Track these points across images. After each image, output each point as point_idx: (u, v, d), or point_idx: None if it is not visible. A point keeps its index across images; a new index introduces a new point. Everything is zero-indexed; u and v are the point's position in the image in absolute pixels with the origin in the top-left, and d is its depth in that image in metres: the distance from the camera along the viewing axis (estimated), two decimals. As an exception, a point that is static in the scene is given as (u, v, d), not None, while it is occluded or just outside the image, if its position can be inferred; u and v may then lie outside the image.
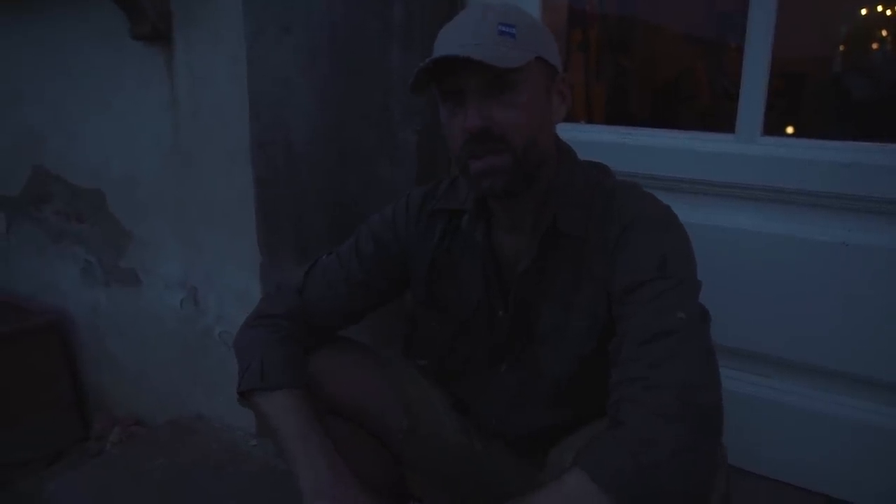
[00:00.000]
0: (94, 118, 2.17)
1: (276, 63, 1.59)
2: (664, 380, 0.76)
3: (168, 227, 2.06)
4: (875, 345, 1.25)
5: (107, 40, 2.01)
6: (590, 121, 3.01)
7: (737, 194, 1.34)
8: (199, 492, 1.71)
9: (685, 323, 0.81)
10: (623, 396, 0.77)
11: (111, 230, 2.24)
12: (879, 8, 3.31)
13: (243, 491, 1.70)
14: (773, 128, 1.31)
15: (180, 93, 1.89)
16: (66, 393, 2.47)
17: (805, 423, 1.34)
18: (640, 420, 0.74)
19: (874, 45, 3.31)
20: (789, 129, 2.21)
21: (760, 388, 1.39)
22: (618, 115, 3.42)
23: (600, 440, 0.75)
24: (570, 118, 1.02)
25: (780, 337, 1.34)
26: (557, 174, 0.98)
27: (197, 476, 1.77)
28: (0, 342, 2.31)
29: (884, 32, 3.34)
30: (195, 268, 2.02)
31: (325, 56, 1.52)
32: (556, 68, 0.94)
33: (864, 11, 3.35)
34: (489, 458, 1.15)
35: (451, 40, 0.88)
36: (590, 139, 1.45)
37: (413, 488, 1.23)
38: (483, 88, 0.87)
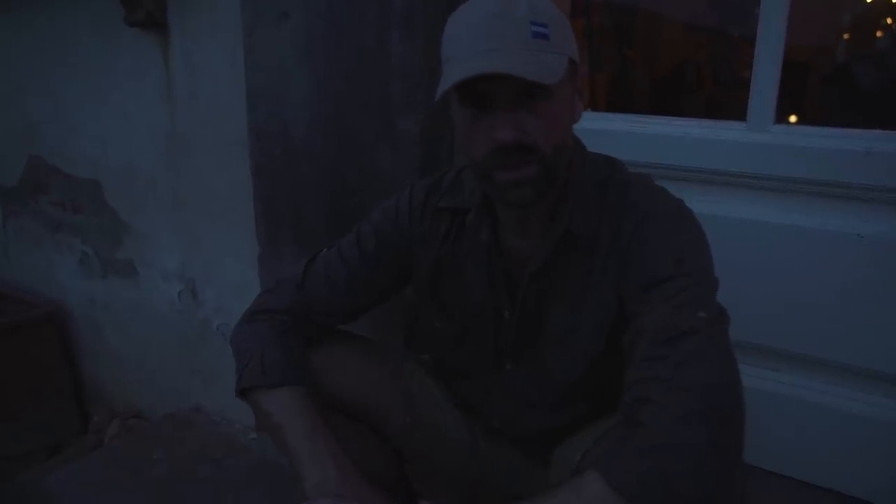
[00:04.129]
0: (90, 108, 2.14)
1: (273, 50, 1.55)
2: (688, 381, 0.73)
3: (165, 217, 2.04)
4: (890, 339, 1.22)
5: (103, 29, 1.98)
6: (594, 110, 2.98)
7: (748, 184, 1.30)
8: (197, 485, 1.70)
9: (707, 322, 0.78)
10: (643, 396, 0.74)
11: (108, 221, 2.22)
12: (886, -6, 3.27)
13: (242, 484, 1.69)
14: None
15: (177, 81, 1.86)
16: (64, 385, 2.46)
17: (818, 419, 1.31)
18: (663, 424, 0.71)
19: (879, 33, 3.27)
20: (792, 119, 2.18)
21: (772, 383, 1.36)
22: (621, 105, 3.39)
23: (619, 442, 0.73)
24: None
25: (792, 330, 1.32)
26: (569, 172, 0.94)
27: (195, 469, 1.76)
28: (-3, 334, 2.29)
29: (888, 20, 3.31)
30: (193, 259, 2.00)
31: (323, 43, 1.49)
32: (577, 64, 0.88)
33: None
34: (493, 456, 1.13)
35: (479, 41, 0.79)
36: (600, 128, 1.42)
37: (415, 483, 1.21)
38: (514, 97, 0.80)
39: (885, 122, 1.21)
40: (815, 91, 2.93)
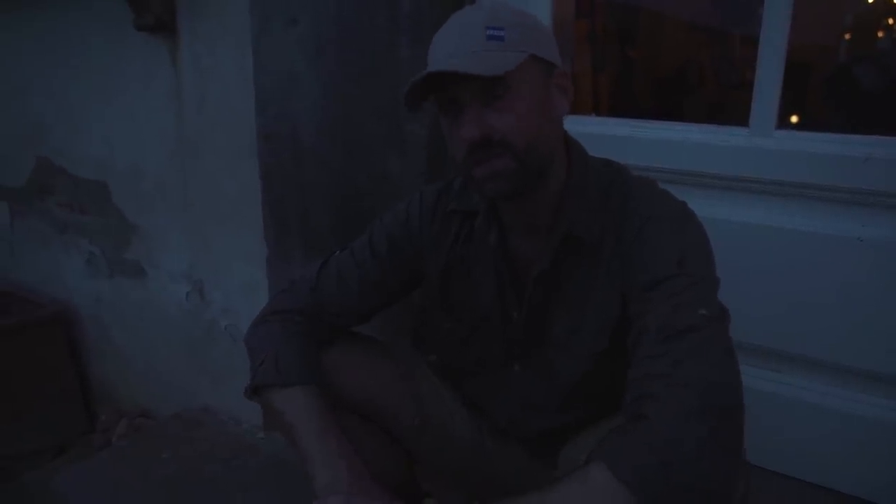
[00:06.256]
0: (98, 110, 2.16)
1: (282, 55, 1.57)
2: (687, 378, 0.75)
3: (173, 219, 2.05)
4: (890, 341, 1.24)
5: (111, 31, 1.99)
6: (596, 112, 2.99)
7: (750, 188, 1.32)
8: (206, 485, 1.70)
9: (707, 320, 0.79)
10: (645, 393, 0.76)
11: (115, 222, 2.23)
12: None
13: (250, 484, 1.69)
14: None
15: (185, 84, 1.87)
16: (71, 385, 2.47)
17: (819, 420, 1.33)
18: (664, 417, 0.72)
19: (880, 34, 3.28)
20: (793, 118, 2.19)
21: (773, 384, 1.38)
22: (623, 107, 3.40)
23: (623, 434, 0.74)
24: (578, 111, 1.01)
25: (793, 332, 1.33)
26: (569, 174, 0.96)
27: (204, 469, 1.77)
28: (5, 334, 2.31)
29: (889, 21, 3.31)
30: (200, 261, 2.01)
31: (332, 48, 1.51)
32: (554, 63, 0.91)
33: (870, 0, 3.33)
34: (501, 456, 1.14)
35: (442, 50, 0.88)
36: (601, 132, 1.44)
37: (424, 483, 1.23)
38: (477, 97, 0.85)
39: (885, 124, 1.23)
40: (816, 91, 2.94)
